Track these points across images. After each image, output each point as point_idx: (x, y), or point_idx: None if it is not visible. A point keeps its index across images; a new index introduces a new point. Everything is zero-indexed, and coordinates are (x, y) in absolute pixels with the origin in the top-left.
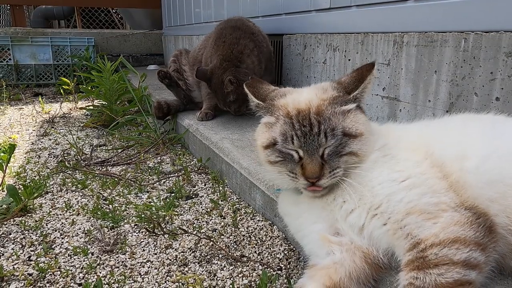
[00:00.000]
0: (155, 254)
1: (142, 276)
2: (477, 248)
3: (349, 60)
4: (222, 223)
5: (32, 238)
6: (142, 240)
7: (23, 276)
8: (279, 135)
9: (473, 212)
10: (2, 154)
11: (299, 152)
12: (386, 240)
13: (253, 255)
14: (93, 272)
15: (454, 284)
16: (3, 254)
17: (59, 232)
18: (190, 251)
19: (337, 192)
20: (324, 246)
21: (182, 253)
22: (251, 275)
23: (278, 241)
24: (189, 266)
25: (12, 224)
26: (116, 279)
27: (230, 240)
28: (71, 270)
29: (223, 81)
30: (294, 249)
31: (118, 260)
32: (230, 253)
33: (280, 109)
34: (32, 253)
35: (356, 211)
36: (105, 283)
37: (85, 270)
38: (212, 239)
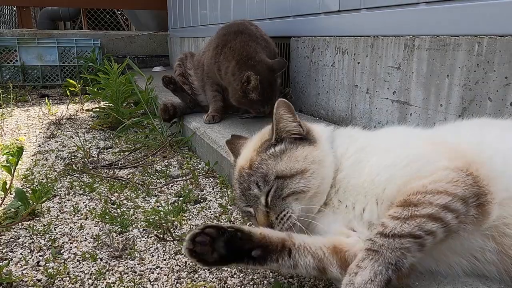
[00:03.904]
0: (164, 260)
1: (152, 283)
2: (461, 202)
3: (358, 63)
4: None
5: (40, 243)
6: (151, 245)
7: (32, 282)
8: (235, 197)
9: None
10: (10, 157)
11: (249, 208)
12: None
13: None
14: (102, 278)
15: (426, 216)
16: (12, 259)
17: (67, 236)
18: None
19: (343, 197)
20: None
21: None
22: (262, 282)
23: None
24: (199, 273)
25: (20, 228)
26: (126, 286)
27: None
28: (80, 276)
29: (269, 82)
30: None
31: (127, 266)
32: None
33: (235, 171)
34: (41, 258)
35: (367, 208)
36: None
37: (94, 276)
38: None
